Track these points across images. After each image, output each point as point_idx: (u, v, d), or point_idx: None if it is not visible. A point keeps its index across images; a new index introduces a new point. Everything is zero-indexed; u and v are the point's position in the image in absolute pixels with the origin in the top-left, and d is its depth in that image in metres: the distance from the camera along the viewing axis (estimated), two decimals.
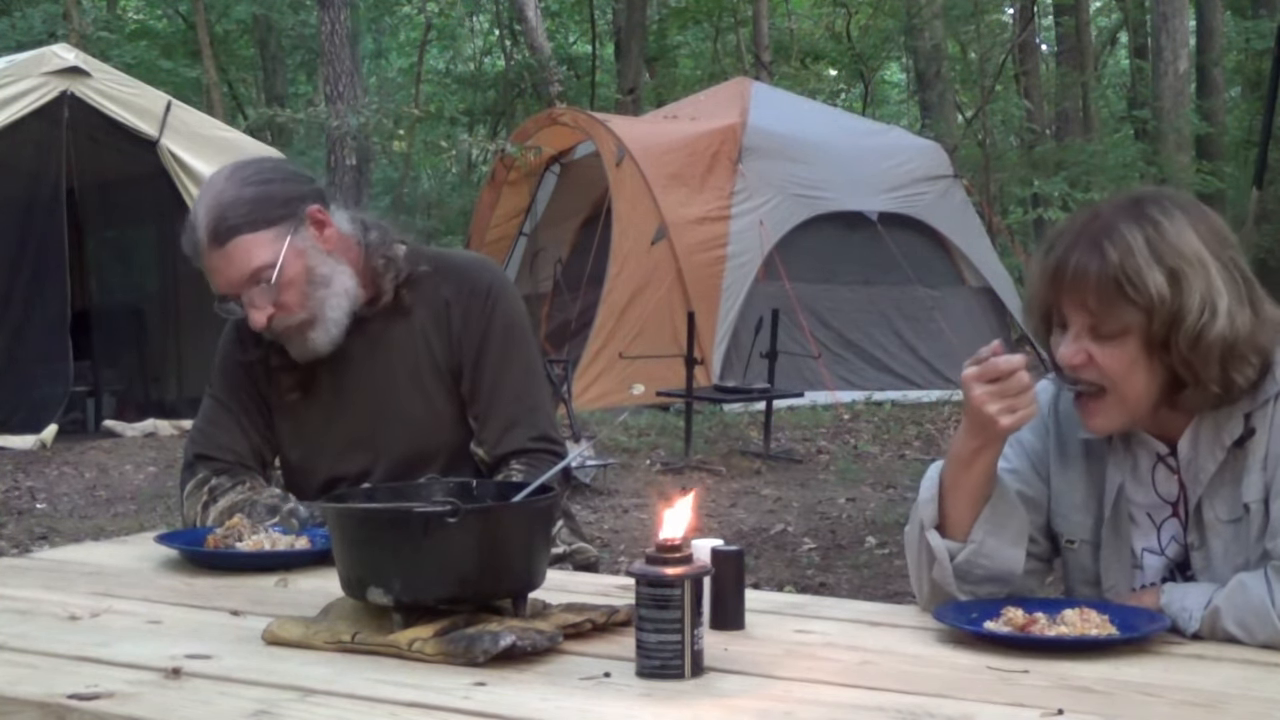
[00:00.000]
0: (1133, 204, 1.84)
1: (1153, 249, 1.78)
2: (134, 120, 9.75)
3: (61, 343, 9.59)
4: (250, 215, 2.40)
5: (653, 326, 10.46)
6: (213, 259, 2.42)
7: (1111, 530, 1.95)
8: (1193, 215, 1.83)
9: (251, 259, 2.40)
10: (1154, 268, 1.77)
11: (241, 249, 2.40)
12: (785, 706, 1.51)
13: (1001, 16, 20.77)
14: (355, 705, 1.54)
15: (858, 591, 5.46)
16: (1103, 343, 1.82)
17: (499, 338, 2.55)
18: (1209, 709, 1.51)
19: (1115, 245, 1.79)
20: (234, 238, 2.39)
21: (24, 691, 1.60)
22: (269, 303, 2.42)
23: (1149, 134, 19.66)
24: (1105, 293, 1.78)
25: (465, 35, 24.16)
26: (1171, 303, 1.77)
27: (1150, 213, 1.82)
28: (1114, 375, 1.82)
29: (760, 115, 11.73)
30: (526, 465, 2.46)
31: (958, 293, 11.79)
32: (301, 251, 2.43)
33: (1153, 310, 1.77)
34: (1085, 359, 1.83)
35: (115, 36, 18.12)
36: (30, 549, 5.98)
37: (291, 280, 2.42)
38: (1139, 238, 1.79)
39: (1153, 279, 1.77)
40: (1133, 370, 1.81)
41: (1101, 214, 1.84)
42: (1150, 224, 1.80)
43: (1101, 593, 1.96)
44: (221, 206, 2.40)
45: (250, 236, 2.40)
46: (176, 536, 2.43)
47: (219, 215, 2.40)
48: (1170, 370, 1.81)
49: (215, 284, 2.45)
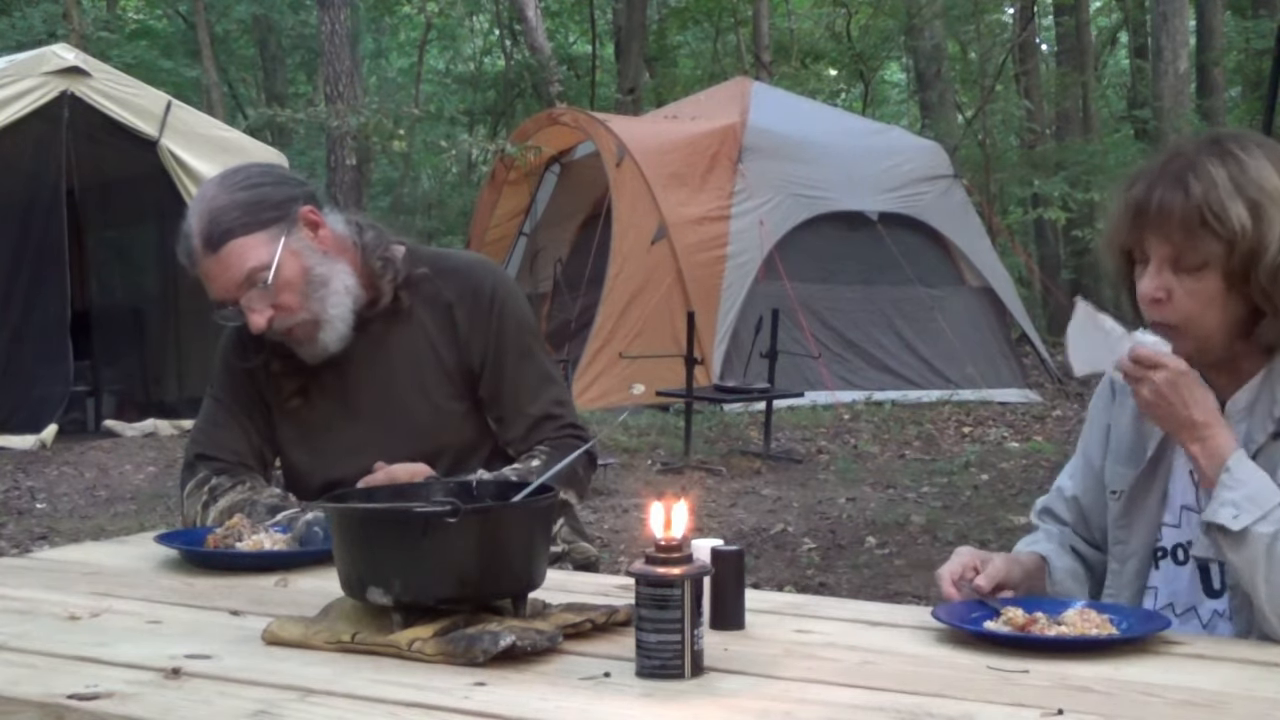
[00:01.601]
0: (1213, 142, 1.90)
1: (1235, 183, 1.84)
2: (134, 120, 9.75)
3: (61, 343, 9.59)
4: (242, 219, 2.40)
5: (653, 326, 10.47)
6: (208, 265, 2.42)
7: (1147, 478, 1.98)
8: (1271, 153, 1.89)
9: (246, 261, 2.40)
10: (1236, 201, 1.83)
11: (235, 252, 2.39)
12: (785, 706, 1.51)
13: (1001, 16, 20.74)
14: (355, 705, 1.54)
15: (858, 591, 5.46)
16: (1183, 275, 1.86)
17: (513, 339, 2.56)
18: (1209, 709, 1.51)
19: (1200, 179, 1.84)
20: (227, 242, 2.39)
21: (24, 691, 1.60)
22: (267, 305, 2.42)
23: (1149, 134, 19.65)
24: (1189, 225, 1.83)
25: (465, 35, 24.14)
26: (1253, 235, 1.82)
27: (1231, 149, 1.87)
28: (1190, 313, 1.87)
29: (760, 115, 11.73)
30: (549, 448, 2.48)
31: (958, 293, 11.79)
32: (297, 252, 2.43)
33: (1235, 242, 1.83)
34: (1165, 294, 1.87)
35: (115, 36, 18.14)
36: (30, 549, 5.98)
37: (289, 281, 2.42)
38: (1222, 173, 1.84)
39: (1235, 211, 1.82)
40: (1209, 307, 1.87)
41: (1184, 151, 1.90)
42: (1233, 159, 1.86)
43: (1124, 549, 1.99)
44: (213, 212, 2.40)
45: (244, 240, 2.40)
46: (176, 536, 2.43)
47: (211, 221, 2.40)
48: (1248, 302, 1.86)
49: (212, 291, 2.45)
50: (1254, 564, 1.78)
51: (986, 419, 10.49)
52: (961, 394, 11.12)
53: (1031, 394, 11.51)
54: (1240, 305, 1.86)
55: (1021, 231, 19.67)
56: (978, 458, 8.76)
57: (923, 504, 7.38)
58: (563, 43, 22.69)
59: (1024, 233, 19.86)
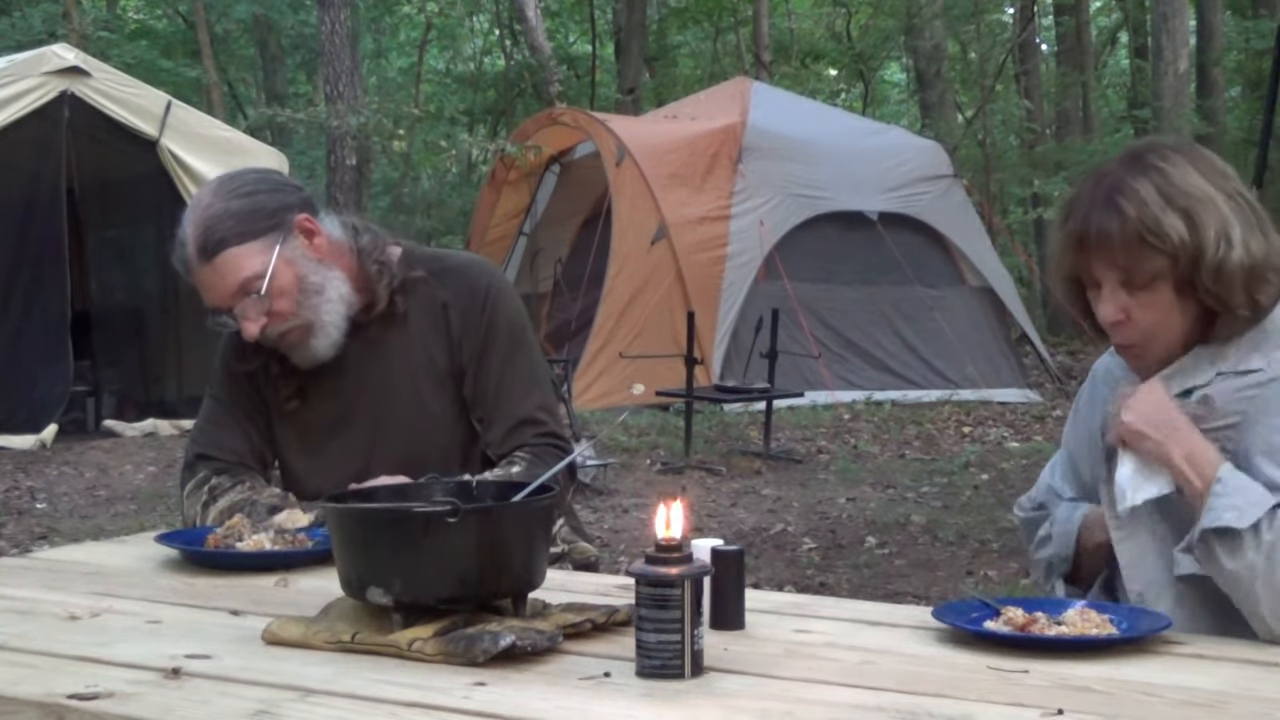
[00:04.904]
0: (1134, 159, 1.92)
1: (1163, 195, 1.87)
2: (134, 120, 9.75)
3: (61, 343, 9.59)
4: (237, 228, 2.40)
5: (653, 326, 10.47)
6: (202, 274, 2.42)
7: (1101, 462, 2.01)
8: (1191, 156, 1.92)
9: (240, 270, 2.39)
10: (1169, 213, 1.86)
11: (230, 262, 2.39)
12: (785, 706, 1.51)
13: (1001, 16, 20.76)
14: (355, 705, 1.54)
15: (858, 591, 5.46)
16: (1136, 293, 1.90)
17: (501, 339, 2.55)
18: (1209, 709, 1.51)
19: (1129, 199, 1.87)
20: (222, 251, 2.39)
21: (24, 691, 1.60)
22: (261, 314, 2.41)
23: (1149, 134, 19.64)
24: (1130, 247, 1.87)
25: (465, 35, 24.15)
26: (1191, 242, 1.85)
27: (1152, 161, 1.90)
28: (1151, 327, 1.92)
29: (760, 115, 11.74)
30: (531, 454, 2.47)
31: (958, 292, 11.79)
32: (291, 261, 2.42)
33: (1177, 254, 1.86)
34: (1124, 315, 1.91)
35: (115, 36, 18.13)
36: (30, 549, 5.98)
37: (282, 289, 2.41)
38: (1149, 187, 1.87)
39: (1170, 224, 1.85)
40: (1168, 316, 1.91)
41: (1108, 173, 1.92)
42: (1156, 172, 1.89)
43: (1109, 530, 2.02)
44: (208, 220, 2.40)
45: (238, 249, 2.39)
46: (176, 536, 2.43)
47: (206, 230, 2.40)
48: (1200, 304, 1.90)
49: (207, 299, 2.45)
50: (1254, 569, 1.78)
51: (986, 419, 10.50)
52: (961, 394, 11.12)
53: (1031, 394, 11.51)
54: (1195, 307, 1.91)
55: (1021, 231, 19.67)
56: (978, 458, 8.77)
57: (923, 504, 7.38)
58: (563, 43, 22.70)
59: (1024, 233, 19.85)
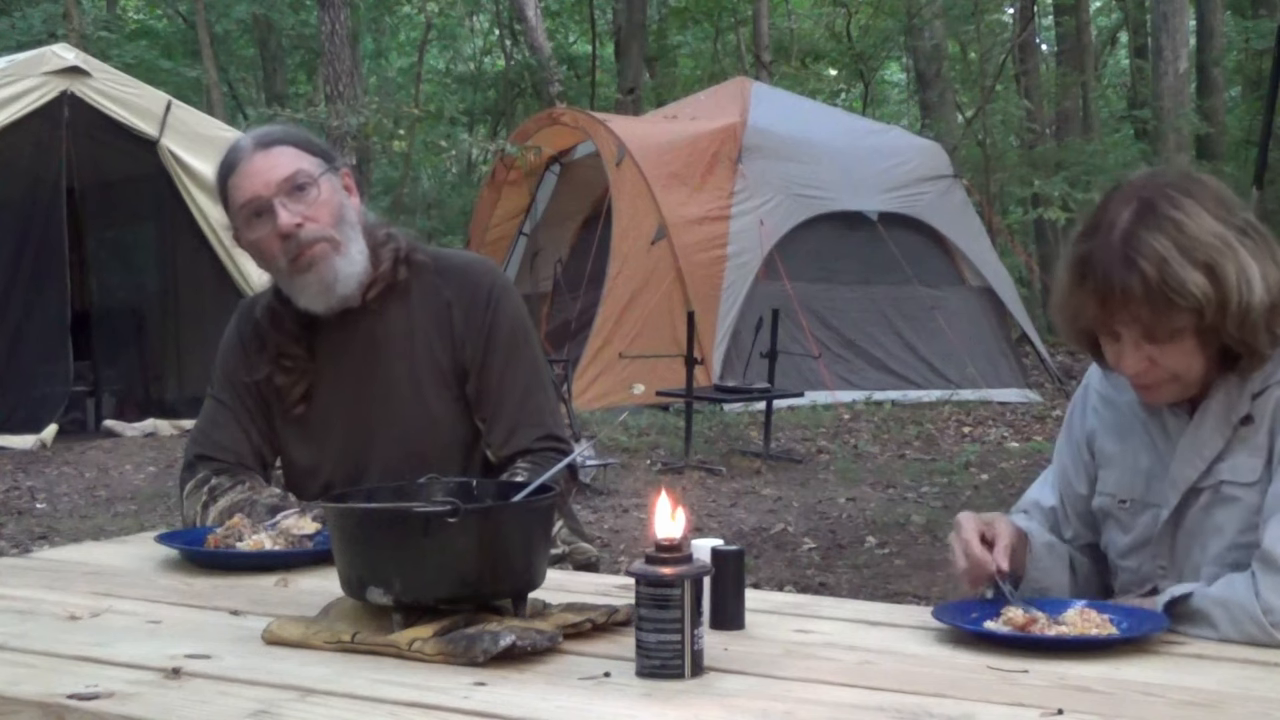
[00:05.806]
0: (1145, 209, 1.85)
1: (1181, 250, 1.82)
2: (134, 120, 9.75)
3: (61, 343, 9.60)
4: (297, 139, 2.52)
5: (653, 326, 10.47)
6: (254, 160, 2.45)
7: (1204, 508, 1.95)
8: (1198, 195, 1.87)
9: (295, 162, 2.45)
10: (1189, 269, 1.81)
11: (287, 153, 2.46)
12: (785, 706, 1.51)
13: (1001, 16, 20.74)
14: (355, 705, 1.54)
15: (858, 591, 5.46)
16: (1160, 344, 1.87)
17: (504, 339, 2.55)
18: (1209, 709, 1.51)
19: (1147, 257, 1.82)
20: (280, 145, 2.48)
21: (24, 691, 1.60)
22: (299, 211, 2.43)
23: (1149, 134, 19.66)
24: (1155, 305, 1.83)
25: (465, 35, 24.16)
26: (1216, 296, 1.82)
27: (1164, 210, 1.84)
28: (1175, 370, 1.89)
29: (760, 115, 11.73)
30: (532, 464, 2.47)
31: (958, 292, 11.79)
32: (335, 190, 2.49)
33: (1202, 309, 1.82)
34: (1148, 365, 1.89)
35: (115, 36, 18.13)
36: (30, 549, 5.98)
37: (325, 201, 2.46)
38: (1165, 242, 1.82)
39: (1193, 280, 1.81)
40: (1191, 360, 1.88)
41: (1118, 222, 1.86)
42: (1170, 223, 1.83)
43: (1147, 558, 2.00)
44: (269, 130, 2.53)
45: (295, 149, 2.48)
46: (176, 536, 2.43)
47: (266, 132, 2.52)
48: (1221, 343, 1.87)
49: (248, 189, 2.44)
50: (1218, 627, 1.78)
51: (986, 419, 10.50)
52: (961, 394, 11.12)
53: (1031, 394, 11.51)
54: (1215, 344, 1.88)
55: (1021, 231, 19.68)
56: (978, 458, 8.77)
57: (923, 504, 7.37)
58: (563, 43, 22.70)
59: (1024, 233, 19.86)
